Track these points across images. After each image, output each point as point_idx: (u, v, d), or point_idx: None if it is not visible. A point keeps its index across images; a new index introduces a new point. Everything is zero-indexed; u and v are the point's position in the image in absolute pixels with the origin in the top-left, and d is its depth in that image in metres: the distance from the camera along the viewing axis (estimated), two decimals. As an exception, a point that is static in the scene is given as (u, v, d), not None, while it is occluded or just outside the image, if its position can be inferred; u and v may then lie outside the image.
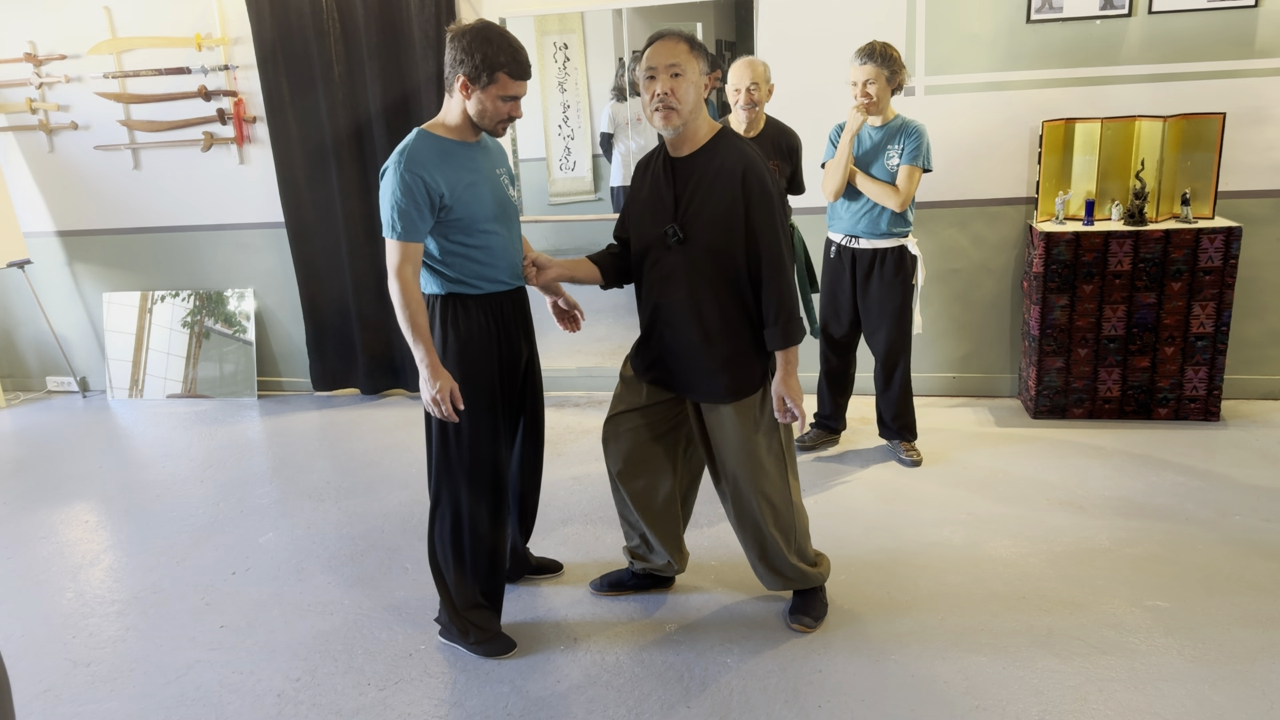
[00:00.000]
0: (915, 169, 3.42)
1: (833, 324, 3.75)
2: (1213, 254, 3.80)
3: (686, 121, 2.30)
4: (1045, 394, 4.06)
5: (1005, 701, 2.30)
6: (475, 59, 2.26)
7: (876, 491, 3.49)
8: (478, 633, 2.60)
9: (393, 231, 2.30)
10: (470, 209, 2.37)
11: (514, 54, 2.29)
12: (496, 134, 2.43)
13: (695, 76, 2.28)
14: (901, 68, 3.39)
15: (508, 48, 2.28)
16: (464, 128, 2.40)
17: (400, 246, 2.30)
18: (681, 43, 2.27)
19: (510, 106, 2.35)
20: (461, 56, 2.28)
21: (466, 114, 2.36)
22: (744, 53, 4.13)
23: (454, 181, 2.33)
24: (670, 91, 2.25)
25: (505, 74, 2.29)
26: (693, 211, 2.33)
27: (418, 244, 2.32)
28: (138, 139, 4.82)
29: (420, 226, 2.30)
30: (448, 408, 2.34)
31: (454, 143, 2.38)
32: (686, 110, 2.28)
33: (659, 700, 2.38)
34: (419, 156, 2.31)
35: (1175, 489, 3.38)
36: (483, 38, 2.26)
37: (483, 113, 2.34)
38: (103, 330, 5.16)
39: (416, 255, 2.33)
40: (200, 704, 2.47)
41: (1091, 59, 3.97)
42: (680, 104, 2.26)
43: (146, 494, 3.86)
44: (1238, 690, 2.30)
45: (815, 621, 2.63)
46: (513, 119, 2.39)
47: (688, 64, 2.26)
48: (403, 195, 2.27)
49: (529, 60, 2.34)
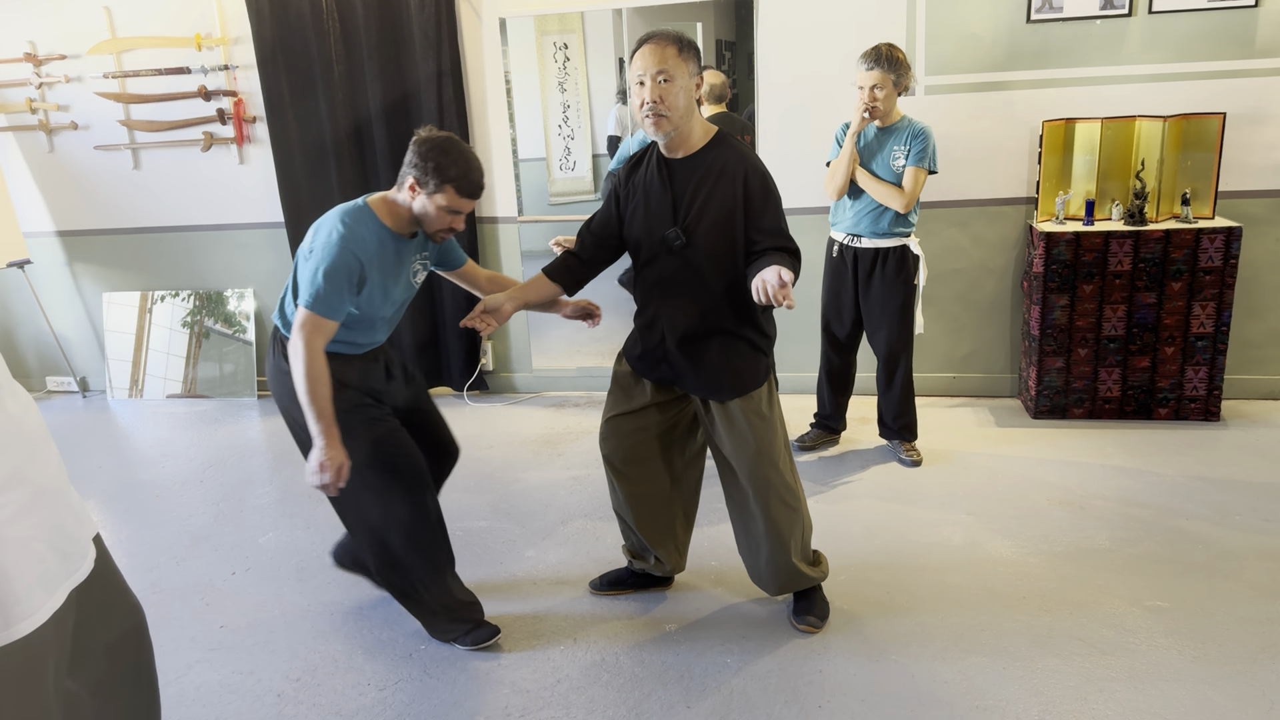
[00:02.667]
0: (921, 170, 3.41)
1: (835, 323, 3.75)
2: (1213, 254, 3.80)
3: (678, 126, 2.28)
4: (1045, 394, 4.06)
5: (1005, 701, 2.30)
6: (428, 166, 2.29)
7: (876, 491, 3.49)
8: (463, 624, 2.63)
9: (315, 305, 2.26)
10: (371, 307, 2.39)
11: (466, 171, 2.31)
12: (434, 241, 2.45)
13: (685, 80, 2.24)
14: (907, 70, 3.39)
15: (462, 163, 2.31)
16: (404, 221, 2.41)
17: (318, 321, 2.27)
18: (670, 45, 2.23)
19: (453, 219, 2.37)
20: (417, 160, 2.31)
21: (413, 212, 2.38)
22: (744, 52, 4.12)
23: (372, 274, 2.35)
24: (660, 99, 2.22)
25: (453, 189, 2.31)
26: (694, 215, 2.32)
27: (335, 323, 2.31)
28: (138, 139, 4.82)
29: (342, 307, 2.30)
30: (332, 477, 2.27)
31: (390, 233, 2.39)
32: (678, 116, 2.25)
33: (659, 700, 2.38)
34: (362, 242, 2.31)
35: (1175, 489, 3.38)
36: (441, 149, 2.30)
37: (425, 216, 2.36)
38: (103, 330, 5.16)
39: (331, 332, 2.31)
40: (200, 704, 2.47)
41: (1091, 59, 3.97)
42: (670, 110, 2.24)
43: (146, 494, 3.86)
44: (1238, 690, 2.30)
45: (821, 621, 2.63)
46: (453, 231, 2.41)
47: (677, 68, 2.22)
48: (337, 275, 2.26)
49: (481, 181, 2.36)
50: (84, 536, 1.53)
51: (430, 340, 4.82)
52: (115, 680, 1.65)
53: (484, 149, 4.56)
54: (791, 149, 4.20)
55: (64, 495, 1.49)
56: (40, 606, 1.39)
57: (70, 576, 1.47)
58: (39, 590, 1.39)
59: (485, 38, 4.42)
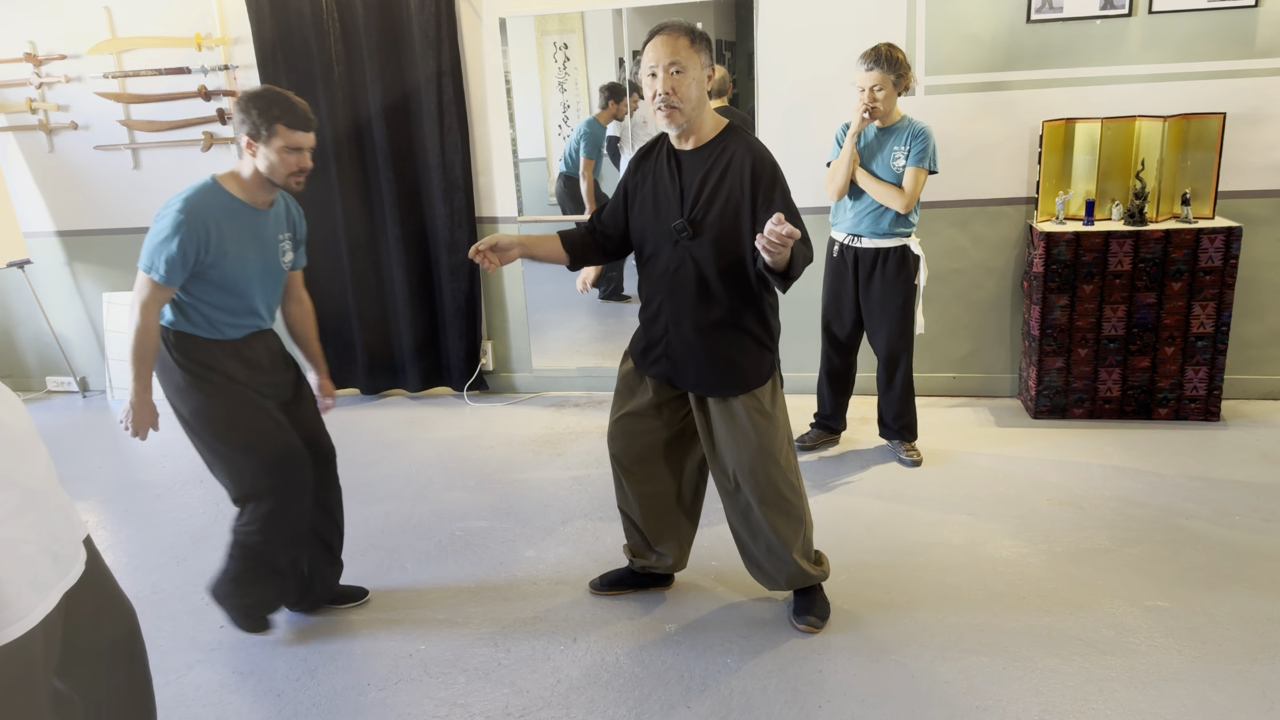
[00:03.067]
0: (921, 171, 3.41)
1: (835, 323, 3.75)
2: (1213, 254, 3.80)
3: (690, 118, 2.28)
4: (1045, 394, 4.06)
5: (1005, 701, 2.30)
6: (252, 116, 2.33)
7: (877, 491, 3.49)
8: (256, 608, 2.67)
9: (153, 271, 2.33)
10: (229, 275, 2.41)
11: (289, 106, 2.36)
12: (291, 188, 2.45)
13: (697, 72, 2.25)
14: (908, 70, 3.38)
15: (283, 100, 2.36)
16: (255, 188, 2.44)
17: (154, 286, 2.34)
18: (683, 37, 2.23)
19: (298, 158, 2.39)
20: (241, 117, 2.36)
21: (259, 172, 2.41)
22: (744, 52, 4.12)
23: (225, 244, 2.37)
24: (672, 90, 2.23)
25: (283, 125, 2.34)
26: (701, 207, 2.32)
27: (171, 289, 2.37)
28: (138, 139, 4.82)
29: (180, 274, 2.34)
30: (134, 431, 2.43)
31: (242, 204, 2.43)
32: (690, 108, 2.26)
33: (659, 700, 2.38)
34: (203, 208, 2.35)
35: (1175, 489, 3.38)
36: (257, 97, 2.36)
37: (273, 167, 2.39)
38: (103, 330, 5.16)
39: (165, 298, 2.38)
40: (200, 704, 2.47)
41: (1091, 59, 3.97)
42: (683, 102, 2.24)
43: (146, 494, 3.86)
44: (1238, 690, 2.30)
45: (821, 621, 2.63)
46: (304, 171, 2.43)
47: (689, 60, 2.22)
48: (175, 240, 2.30)
49: (308, 113, 2.39)
50: (74, 538, 1.52)
51: (430, 340, 4.82)
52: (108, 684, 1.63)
53: (484, 149, 4.57)
54: (791, 149, 4.19)
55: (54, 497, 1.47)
56: (31, 610, 1.37)
57: (61, 579, 1.46)
58: (29, 593, 1.37)
59: (485, 38, 4.42)
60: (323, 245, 4.72)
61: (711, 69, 2.30)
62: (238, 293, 2.46)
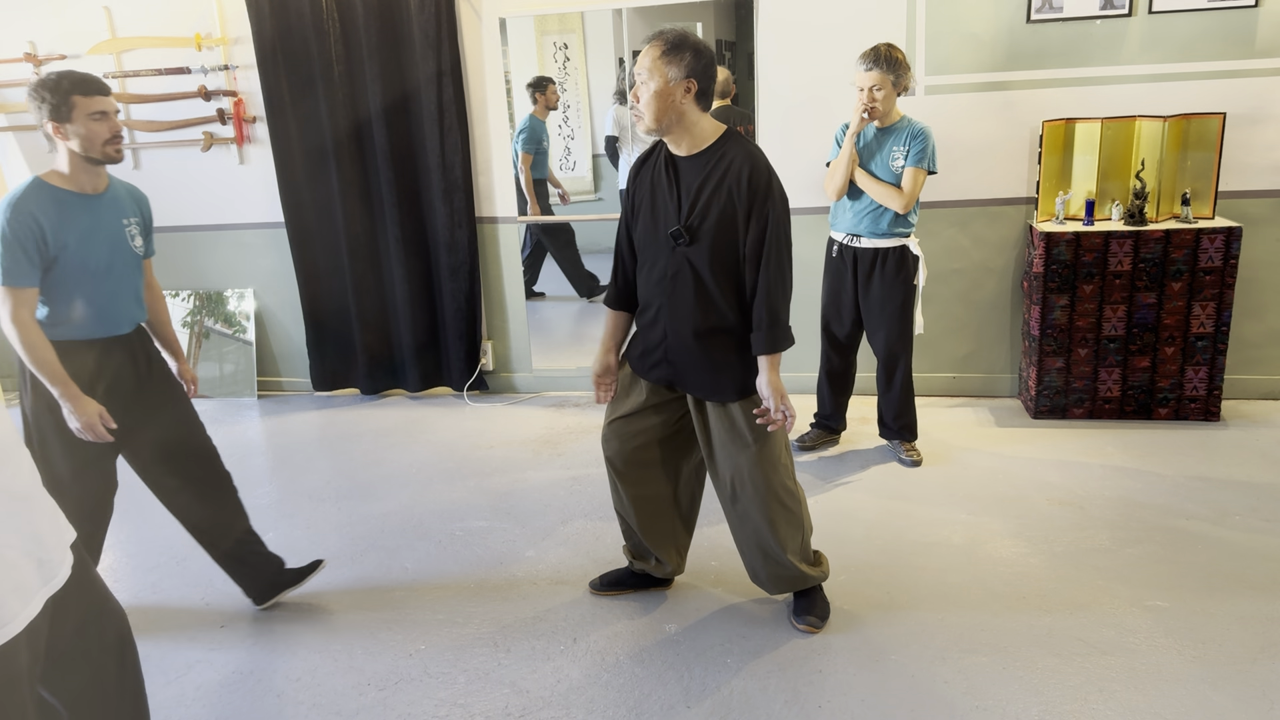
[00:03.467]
0: (920, 171, 3.41)
1: (835, 324, 3.75)
2: (1213, 254, 3.80)
3: (653, 129, 2.28)
4: (1045, 394, 4.06)
5: (1005, 701, 2.30)
6: (44, 98, 2.34)
7: (876, 492, 3.49)
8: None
9: (6, 278, 2.30)
10: (81, 265, 2.40)
11: (78, 77, 2.37)
12: (111, 158, 2.43)
13: (661, 84, 2.23)
14: (907, 70, 3.38)
15: (70, 74, 2.37)
16: (79, 174, 2.43)
17: (11, 292, 2.32)
18: (657, 47, 2.24)
19: (107, 124, 2.39)
20: (35, 105, 2.36)
21: (75, 156, 2.39)
22: (744, 52, 4.13)
23: (64, 233, 2.36)
24: (635, 98, 2.27)
25: (78, 95, 2.35)
26: (698, 214, 2.32)
27: (31, 289, 2.34)
28: (138, 139, 4.82)
29: (30, 271, 2.32)
30: (100, 430, 2.39)
31: (69, 193, 2.41)
32: (650, 118, 2.26)
33: (659, 700, 2.38)
34: (28, 204, 2.33)
35: (1175, 489, 3.38)
36: (42, 81, 2.37)
37: (85, 140, 2.37)
38: (103, 330, 5.16)
39: (31, 299, 2.35)
40: (200, 704, 2.47)
41: (1091, 59, 3.97)
42: (644, 110, 2.26)
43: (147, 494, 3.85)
44: (1238, 690, 2.30)
45: (821, 621, 2.63)
46: (118, 136, 2.42)
47: (654, 71, 2.23)
48: (11, 239, 2.29)
49: (99, 79, 2.41)
50: (60, 544, 1.50)
51: (430, 340, 4.82)
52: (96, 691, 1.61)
53: (484, 149, 4.57)
54: (791, 149, 4.20)
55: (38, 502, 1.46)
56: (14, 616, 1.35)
57: (46, 584, 1.43)
58: (13, 599, 1.35)
59: (485, 38, 4.42)
60: (323, 245, 4.72)
61: (691, 80, 2.25)
62: (96, 285, 2.44)
